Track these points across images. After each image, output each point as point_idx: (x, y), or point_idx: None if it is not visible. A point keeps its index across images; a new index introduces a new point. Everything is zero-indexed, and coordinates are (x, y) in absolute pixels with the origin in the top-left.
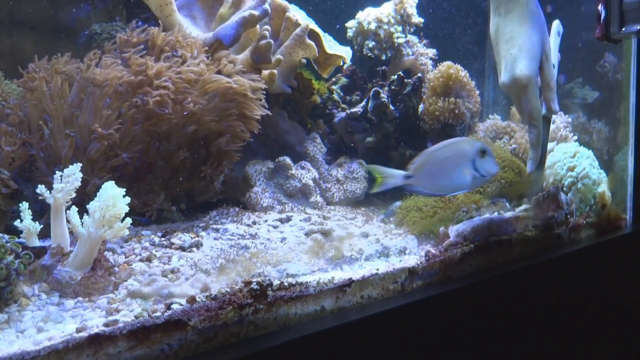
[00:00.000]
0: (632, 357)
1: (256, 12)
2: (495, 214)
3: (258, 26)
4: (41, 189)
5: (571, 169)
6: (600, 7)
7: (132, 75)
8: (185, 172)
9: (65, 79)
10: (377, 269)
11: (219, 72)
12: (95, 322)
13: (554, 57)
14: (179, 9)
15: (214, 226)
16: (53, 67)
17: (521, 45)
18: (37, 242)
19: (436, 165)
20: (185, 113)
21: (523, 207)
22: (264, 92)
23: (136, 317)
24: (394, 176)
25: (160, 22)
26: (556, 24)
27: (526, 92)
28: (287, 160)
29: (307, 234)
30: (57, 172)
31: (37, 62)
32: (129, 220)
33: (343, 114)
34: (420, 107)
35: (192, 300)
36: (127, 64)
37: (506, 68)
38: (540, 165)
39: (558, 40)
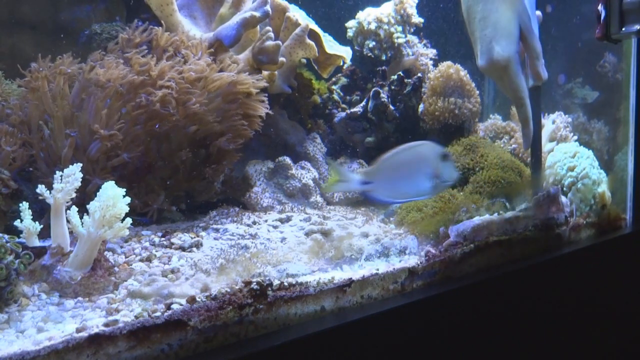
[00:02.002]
0: (632, 357)
1: (257, 14)
2: (495, 214)
3: (258, 27)
4: (41, 189)
5: (571, 169)
6: (600, 7)
7: (135, 75)
8: (185, 172)
9: (66, 79)
10: (377, 269)
11: (221, 71)
12: (95, 322)
13: (534, 19)
14: (180, 9)
15: (214, 226)
16: (57, 67)
17: (495, 23)
18: (37, 242)
19: (396, 171)
20: (188, 113)
21: (523, 207)
22: (265, 92)
23: (136, 317)
24: (350, 180)
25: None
26: None
27: (507, 72)
28: (287, 160)
29: (307, 234)
30: (57, 172)
31: (40, 62)
32: (129, 220)
33: (343, 114)
34: (420, 107)
35: (192, 300)
36: (130, 63)
37: (482, 50)
38: (539, 165)
39: None
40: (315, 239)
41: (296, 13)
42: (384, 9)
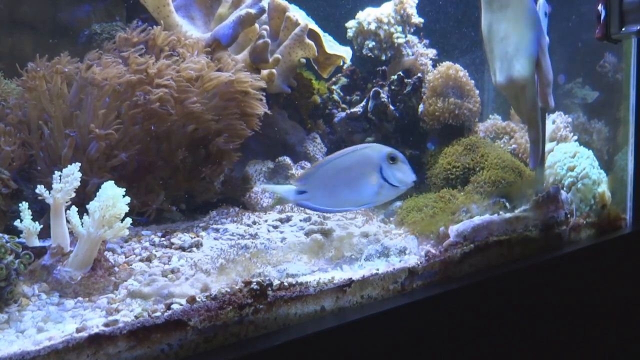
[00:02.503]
0: (632, 357)
1: (253, 10)
2: (495, 214)
3: (257, 26)
4: (40, 189)
5: (571, 169)
6: (600, 7)
7: (132, 74)
8: (185, 172)
9: (64, 79)
10: (377, 269)
11: (219, 71)
12: (95, 322)
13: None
14: (177, 10)
15: (214, 226)
16: (53, 66)
17: (517, 43)
18: (37, 242)
19: (334, 177)
20: (185, 112)
21: (523, 207)
22: (264, 92)
23: (136, 317)
24: (284, 193)
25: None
26: (542, 3)
27: (524, 92)
28: (287, 160)
29: (307, 234)
30: (56, 172)
31: (38, 62)
32: (128, 220)
33: (343, 114)
34: (420, 107)
35: (192, 300)
36: (127, 63)
37: (502, 68)
38: (541, 163)
39: (545, 21)
40: (315, 239)
41: (296, 13)
42: (384, 9)
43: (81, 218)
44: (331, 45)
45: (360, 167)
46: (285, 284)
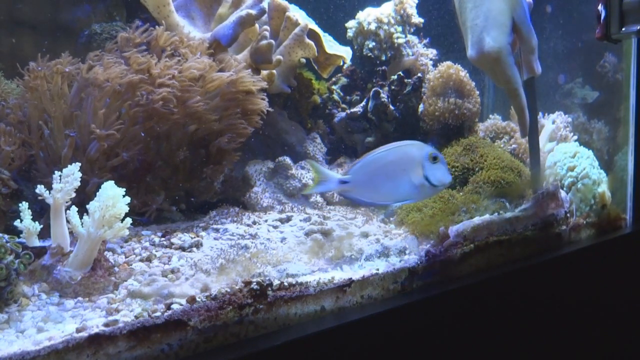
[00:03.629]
0: (632, 357)
1: (253, 11)
2: (495, 214)
3: (257, 26)
4: (40, 189)
5: (571, 169)
6: (600, 7)
7: (134, 74)
8: (185, 172)
9: (65, 79)
10: (377, 269)
11: (221, 71)
12: (95, 322)
13: (525, 8)
14: (177, 10)
15: (214, 226)
16: (54, 67)
17: (487, 13)
18: (37, 242)
19: (378, 171)
20: (188, 112)
21: (523, 206)
22: (264, 92)
23: (136, 317)
24: (328, 179)
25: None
26: None
27: (499, 64)
28: (287, 160)
29: (307, 234)
30: (56, 172)
31: (39, 61)
32: (129, 220)
33: (343, 114)
34: (420, 107)
35: (192, 300)
36: (128, 62)
37: (472, 41)
38: (537, 162)
39: None
40: (315, 239)
41: (296, 13)
42: (384, 9)
43: (81, 218)
44: (331, 45)
45: (403, 163)
46: (285, 284)
